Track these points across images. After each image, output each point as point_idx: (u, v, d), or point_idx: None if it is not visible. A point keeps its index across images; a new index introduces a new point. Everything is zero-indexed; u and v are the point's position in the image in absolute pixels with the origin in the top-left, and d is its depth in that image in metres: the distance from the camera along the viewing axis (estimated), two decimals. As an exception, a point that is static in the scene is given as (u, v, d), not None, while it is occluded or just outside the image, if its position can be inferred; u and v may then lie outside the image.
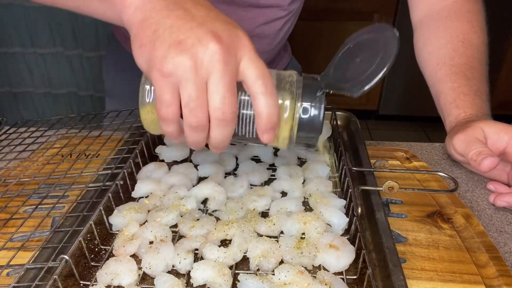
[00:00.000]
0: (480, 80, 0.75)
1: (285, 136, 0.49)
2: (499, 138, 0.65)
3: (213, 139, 0.46)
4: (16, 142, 0.79)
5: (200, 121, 0.44)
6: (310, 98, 0.47)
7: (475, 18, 0.80)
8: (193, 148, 0.50)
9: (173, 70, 0.41)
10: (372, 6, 2.64)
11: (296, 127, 0.48)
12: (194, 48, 0.41)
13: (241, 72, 0.44)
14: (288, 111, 0.47)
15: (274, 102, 0.45)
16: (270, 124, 0.45)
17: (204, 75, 0.42)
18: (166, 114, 0.44)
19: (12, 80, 2.51)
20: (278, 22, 0.88)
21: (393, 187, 0.58)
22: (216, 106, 0.42)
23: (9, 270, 0.52)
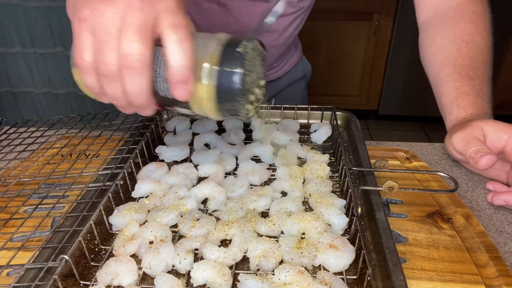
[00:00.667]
0: (483, 80, 0.75)
1: (203, 97, 0.45)
2: (498, 137, 0.65)
3: (128, 91, 0.44)
4: (16, 142, 0.79)
5: (110, 68, 0.42)
6: (229, 56, 0.44)
7: (479, 19, 0.80)
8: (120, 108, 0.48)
9: (88, 15, 0.41)
10: (372, 6, 2.64)
11: (214, 89, 0.45)
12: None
13: (158, 23, 0.42)
14: (205, 69, 0.44)
15: (185, 52, 0.42)
16: (179, 74, 0.43)
17: (117, 20, 0.41)
18: (81, 61, 0.43)
19: (12, 80, 2.51)
20: (287, 18, 0.89)
21: (393, 187, 0.58)
22: (123, 52, 0.41)
23: (9, 270, 0.52)
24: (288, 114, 0.85)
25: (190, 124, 0.83)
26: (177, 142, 0.76)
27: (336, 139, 0.74)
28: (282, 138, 0.77)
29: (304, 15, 0.94)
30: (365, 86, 2.97)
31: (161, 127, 0.83)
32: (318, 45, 2.81)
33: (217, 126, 0.83)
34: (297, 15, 0.91)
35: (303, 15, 0.93)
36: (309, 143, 0.80)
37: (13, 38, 2.42)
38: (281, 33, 0.91)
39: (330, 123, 0.82)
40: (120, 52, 0.41)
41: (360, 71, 2.91)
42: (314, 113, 0.85)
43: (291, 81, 1.08)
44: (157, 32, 0.43)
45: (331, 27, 2.73)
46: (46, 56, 2.47)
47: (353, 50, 2.82)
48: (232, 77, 0.44)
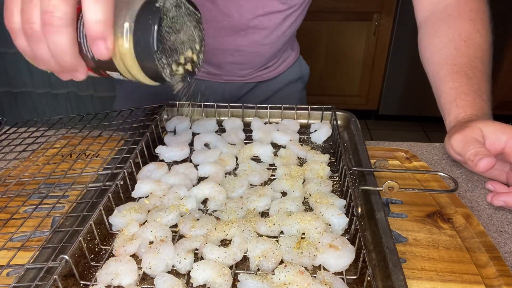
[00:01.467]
0: (482, 79, 0.75)
1: (124, 54, 0.45)
2: (498, 138, 0.65)
3: (52, 52, 0.44)
4: (16, 142, 0.79)
5: (33, 27, 0.43)
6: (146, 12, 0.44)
7: (478, 16, 0.80)
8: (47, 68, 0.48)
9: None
10: (372, 6, 2.64)
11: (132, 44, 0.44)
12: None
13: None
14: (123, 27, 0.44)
15: (101, 6, 0.42)
16: (98, 31, 0.43)
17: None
18: (10, 23, 0.44)
19: (12, 80, 2.51)
20: (277, 16, 0.88)
21: (393, 187, 0.58)
22: (44, 9, 0.42)
23: (9, 270, 0.52)
24: (288, 114, 0.85)
25: (190, 124, 0.83)
26: (177, 142, 0.76)
27: (336, 139, 0.74)
28: (282, 138, 0.77)
29: (298, 13, 0.93)
30: (365, 86, 2.97)
31: (161, 127, 0.83)
32: (318, 45, 2.81)
33: (217, 126, 0.83)
34: (289, 13, 0.90)
35: (297, 13, 0.92)
36: (309, 143, 0.80)
37: (13, 38, 2.41)
38: (272, 30, 0.90)
39: (330, 123, 0.82)
40: (42, 10, 0.42)
41: (360, 71, 2.91)
42: (314, 113, 0.85)
43: (287, 82, 1.07)
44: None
45: (331, 27, 2.74)
46: (46, 56, 2.46)
47: (353, 50, 2.82)
48: (148, 33, 0.43)
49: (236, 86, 1.01)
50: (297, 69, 1.09)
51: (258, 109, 0.85)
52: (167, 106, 0.86)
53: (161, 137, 0.81)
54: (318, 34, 2.77)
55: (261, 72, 1.01)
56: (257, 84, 1.03)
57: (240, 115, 0.85)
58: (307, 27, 2.69)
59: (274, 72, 1.03)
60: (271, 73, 1.03)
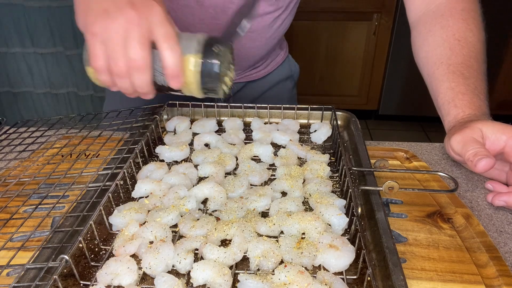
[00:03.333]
0: (478, 78, 0.75)
1: (191, 82, 0.60)
2: (498, 138, 0.65)
3: (135, 84, 0.58)
4: (16, 142, 0.79)
5: (121, 69, 0.55)
6: (208, 52, 0.59)
7: (470, 15, 0.80)
8: (128, 95, 0.62)
9: (99, 30, 0.54)
10: (372, 6, 2.64)
11: (199, 75, 0.59)
12: (115, 14, 0.54)
13: (153, 33, 0.55)
14: (191, 62, 0.59)
15: (176, 55, 0.56)
16: (174, 72, 0.57)
17: (122, 34, 0.54)
18: (97, 64, 0.56)
19: (12, 80, 2.51)
20: (266, 18, 0.88)
21: (393, 187, 0.58)
22: (131, 57, 0.55)
23: (9, 270, 0.52)
24: (288, 114, 0.85)
25: (190, 124, 0.83)
26: (177, 142, 0.76)
27: (336, 139, 0.74)
28: (282, 138, 0.77)
29: (286, 15, 0.93)
30: (365, 86, 2.97)
31: (161, 127, 0.83)
32: (318, 45, 2.81)
33: (217, 126, 0.83)
34: (277, 15, 0.90)
35: (284, 15, 0.92)
36: (309, 143, 0.80)
37: (13, 38, 2.43)
38: (260, 33, 0.91)
39: (330, 123, 0.82)
40: (127, 57, 0.55)
41: (360, 71, 2.91)
42: (314, 113, 0.85)
43: (277, 81, 1.07)
44: (152, 38, 0.55)
45: (331, 27, 2.73)
46: (46, 56, 2.48)
47: (353, 50, 2.82)
48: (212, 66, 0.59)
49: None
50: (286, 67, 1.10)
51: (258, 109, 0.85)
52: (167, 106, 0.86)
53: (161, 137, 0.81)
54: (318, 34, 2.77)
55: (250, 72, 1.01)
56: (246, 84, 1.03)
57: (240, 115, 0.85)
58: (307, 27, 2.69)
59: (263, 71, 1.03)
60: (260, 72, 1.03)
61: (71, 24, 2.29)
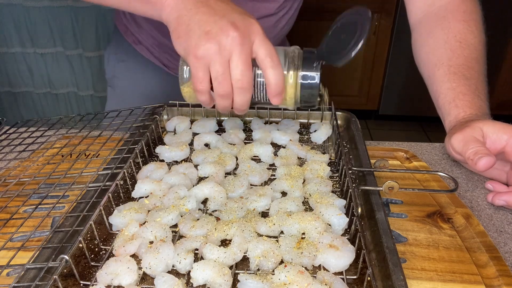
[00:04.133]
0: (478, 79, 0.75)
1: (291, 97, 0.63)
2: (498, 138, 0.65)
3: (236, 103, 0.60)
4: (16, 142, 0.79)
5: (226, 90, 0.57)
6: (308, 67, 0.61)
7: (471, 17, 0.80)
8: (222, 111, 0.65)
9: (204, 54, 0.55)
10: (372, 6, 2.63)
11: (299, 91, 0.62)
12: (218, 36, 0.54)
13: (254, 51, 0.57)
14: (291, 79, 0.61)
15: (280, 73, 0.58)
16: (278, 90, 0.59)
17: (226, 55, 0.55)
18: (201, 87, 0.58)
19: (12, 80, 2.51)
20: (270, 19, 0.89)
21: (393, 187, 0.58)
22: (236, 78, 0.56)
23: (9, 270, 0.52)
24: (288, 114, 0.85)
25: (190, 124, 0.83)
26: (177, 142, 0.76)
27: (336, 139, 0.74)
28: (282, 138, 0.77)
29: (289, 16, 0.93)
30: (365, 86, 2.96)
31: (161, 127, 0.83)
32: (318, 45, 2.80)
33: (217, 126, 0.83)
34: (281, 15, 0.90)
35: (288, 16, 0.92)
36: (309, 143, 0.80)
37: (13, 38, 2.43)
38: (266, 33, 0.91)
39: (330, 123, 0.82)
40: (233, 79, 0.56)
41: (360, 71, 2.91)
42: (314, 113, 0.85)
43: None
44: (253, 56, 0.57)
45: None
46: (46, 56, 2.48)
47: (353, 50, 2.82)
48: (313, 81, 0.61)
49: None
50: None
51: (258, 109, 0.85)
52: (167, 106, 0.86)
53: (161, 137, 0.81)
54: (318, 34, 2.76)
55: None
56: None
57: (240, 115, 0.85)
58: (307, 27, 2.69)
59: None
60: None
61: (71, 24, 2.29)
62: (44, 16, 2.28)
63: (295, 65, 0.61)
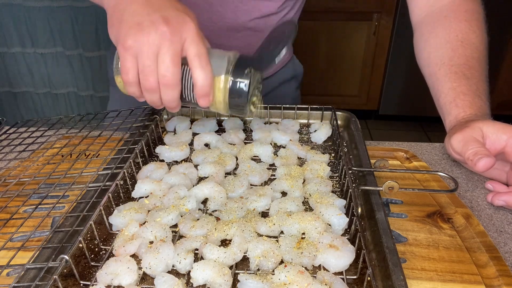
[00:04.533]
0: (480, 79, 0.75)
1: (220, 101, 0.61)
2: (498, 138, 0.65)
3: (163, 99, 0.59)
4: (16, 142, 0.79)
5: (151, 84, 0.56)
6: (238, 74, 0.59)
7: (473, 17, 0.80)
8: (154, 107, 0.62)
9: (132, 44, 0.54)
10: (372, 6, 2.64)
11: (228, 95, 0.60)
12: (148, 29, 0.53)
13: (185, 50, 0.56)
14: (221, 83, 0.59)
15: (207, 75, 0.56)
16: (204, 91, 0.57)
17: (154, 50, 0.54)
18: (128, 78, 0.57)
19: (12, 80, 2.51)
20: (273, 18, 0.88)
21: (393, 187, 0.58)
22: (161, 73, 0.55)
23: (9, 270, 0.52)
24: (288, 114, 0.85)
25: (190, 124, 0.83)
26: (177, 142, 0.76)
27: (336, 139, 0.74)
28: (282, 138, 0.77)
29: (292, 15, 0.93)
30: (365, 86, 2.96)
31: (161, 127, 0.83)
32: (318, 45, 2.81)
33: (217, 126, 0.83)
34: (283, 15, 0.90)
35: (290, 15, 0.92)
36: (309, 143, 0.80)
37: (13, 38, 2.43)
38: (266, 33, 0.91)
39: (330, 123, 0.82)
40: (159, 73, 0.55)
41: (360, 71, 2.91)
42: (314, 113, 0.85)
43: (281, 81, 1.07)
44: (184, 55, 0.56)
45: (331, 27, 2.73)
46: (46, 56, 2.48)
47: (353, 50, 2.82)
48: (242, 88, 0.59)
49: None
50: (291, 68, 1.10)
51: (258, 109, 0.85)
52: (167, 106, 0.86)
53: (161, 137, 0.81)
54: (318, 34, 2.77)
55: None
56: None
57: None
58: (307, 27, 2.69)
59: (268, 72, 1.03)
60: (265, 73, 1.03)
61: (71, 24, 2.29)
62: (44, 16, 2.28)
63: (226, 70, 0.59)
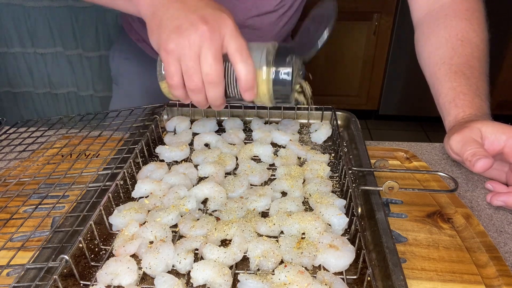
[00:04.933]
0: (480, 79, 0.75)
1: (264, 93, 0.61)
2: (497, 138, 0.65)
3: (209, 98, 0.60)
4: (16, 142, 0.79)
5: (196, 84, 0.57)
6: (280, 63, 0.59)
7: (474, 16, 0.80)
8: (200, 107, 0.64)
9: (174, 48, 0.55)
10: (372, 6, 2.64)
11: (271, 86, 0.60)
12: (188, 31, 0.55)
13: (225, 46, 0.57)
14: (264, 74, 0.60)
15: (250, 68, 0.57)
16: (248, 85, 0.58)
17: (196, 50, 0.55)
18: (173, 81, 0.58)
19: (12, 80, 2.51)
20: (271, 16, 0.88)
21: (393, 187, 0.58)
22: (206, 72, 0.56)
23: (9, 270, 0.52)
24: (288, 114, 0.85)
25: (190, 124, 0.83)
26: (177, 142, 0.76)
27: (336, 139, 0.74)
28: (282, 138, 0.77)
29: (291, 13, 0.92)
30: (365, 86, 2.96)
31: (161, 127, 0.83)
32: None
33: (217, 126, 0.83)
34: (282, 13, 0.90)
35: (290, 13, 0.92)
36: (309, 143, 0.80)
37: (13, 38, 2.43)
38: (265, 31, 0.90)
39: (330, 123, 0.82)
40: (203, 72, 0.56)
41: (360, 71, 2.91)
42: (314, 113, 0.85)
43: None
44: (224, 51, 0.57)
45: (331, 27, 2.73)
46: (46, 56, 2.48)
47: (353, 50, 2.82)
48: (285, 77, 0.60)
49: None
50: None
51: (258, 109, 0.85)
52: (167, 106, 0.86)
53: (161, 137, 0.81)
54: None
55: None
56: None
57: (240, 115, 0.85)
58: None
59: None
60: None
61: (71, 24, 2.29)
62: (44, 16, 2.27)
63: (267, 61, 0.60)
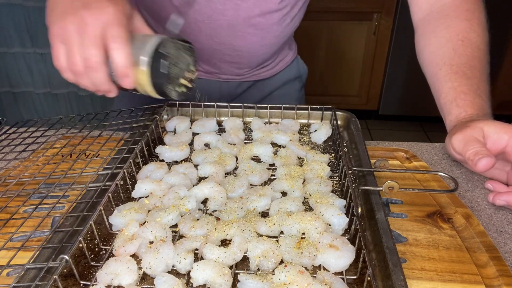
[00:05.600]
0: (480, 79, 0.75)
1: (145, 83, 0.62)
2: (499, 138, 0.65)
3: (93, 83, 0.62)
4: (16, 142, 0.79)
5: (78, 68, 0.59)
6: (159, 55, 0.60)
7: (474, 16, 0.80)
8: (96, 93, 0.65)
9: (58, 31, 0.59)
10: (372, 6, 2.64)
11: (150, 77, 0.61)
12: (71, 16, 0.58)
13: (104, 33, 0.58)
14: (141, 64, 0.60)
15: (123, 55, 0.58)
16: (122, 71, 0.59)
17: (76, 35, 0.58)
18: (59, 64, 0.61)
19: (12, 80, 2.51)
20: (274, 16, 0.88)
21: (393, 187, 0.58)
22: (84, 56, 0.58)
23: (9, 270, 0.52)
24: (288, 114, 0.85)
25: (190, 124, 0.83)
26: (177, 142, 0.76)
27: (336, 139, 0.74)
28: (282, 138, 0.77)
29: (294, 13, 0.93)
30: (365, 86, 2.97)
31: (161, 127, 0.83)
32: (318, 45, 2.81)
33: (217, 126, 0.83)
34: (285, 13, 0.90)
35: (293, 13, 0.92)
36: (309, 143, 0.80)
37: (13, 38, 2.43)
38: (268, 31, 0.90)
39: (330, 123, 0.82)
40: (82, 57, 0.58)
41: (360, 71, 2.91)
42: (314, 113, 0.85)
43: (285, 81, 1.07)
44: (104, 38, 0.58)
45: (331, 27, 2.73)
46: (46, 56, 2.48)
47: (353, 50, 2.82)
48: (158, 67, 0.61)
49: (233, 85, 1.01)
50: (295, 68, 1.10)
51: (258, 109, 0.85)
52: (167, 106, 0.86)
53: (161, 137, 0.81)
54: (318, 34, 2.77)
55: (258, 71, 1.01)
56: (254, 83, 1.03)
57: (240, 115, 0.85)
58: (307, 27, 2.69)
59: (271, 71, 1.03)
60: (268, 72, 1.03)
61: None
62: (44, 16, 2.28)
63: (146, 52, 0.60)
